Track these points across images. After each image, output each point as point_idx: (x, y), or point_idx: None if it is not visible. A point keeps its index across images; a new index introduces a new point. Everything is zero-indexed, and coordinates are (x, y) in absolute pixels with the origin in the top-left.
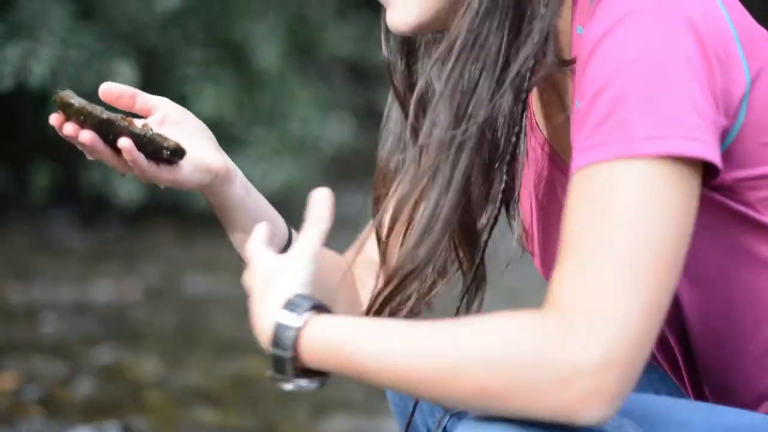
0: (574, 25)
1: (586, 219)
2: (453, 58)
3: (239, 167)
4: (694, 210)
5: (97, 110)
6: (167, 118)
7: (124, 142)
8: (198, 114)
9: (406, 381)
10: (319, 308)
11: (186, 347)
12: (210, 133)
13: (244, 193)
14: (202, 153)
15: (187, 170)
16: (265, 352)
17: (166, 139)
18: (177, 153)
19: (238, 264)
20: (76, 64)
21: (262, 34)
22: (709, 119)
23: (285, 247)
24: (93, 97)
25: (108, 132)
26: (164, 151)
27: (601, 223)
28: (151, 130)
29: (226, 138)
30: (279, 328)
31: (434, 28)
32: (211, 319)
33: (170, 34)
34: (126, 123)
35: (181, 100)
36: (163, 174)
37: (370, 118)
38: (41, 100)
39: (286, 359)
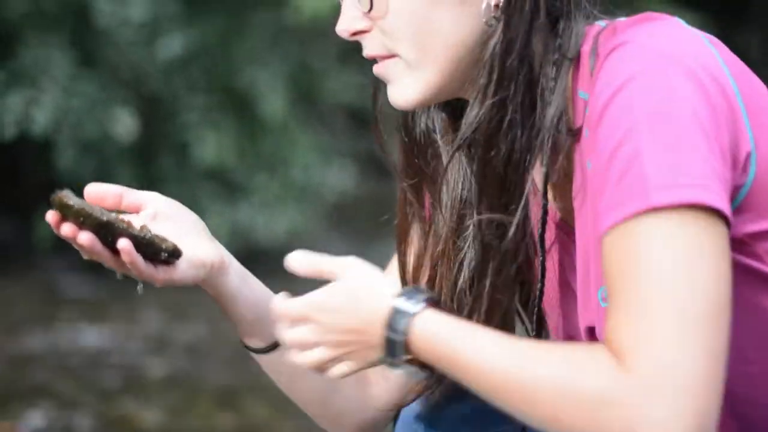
0: (576, 90)
1: (627, 280)
2: (469, 149)
3: (242, 214)
4: (728, 251)
5: (96, 211)
6: (159, 213)
7: (124, 244)
8: (200, 160)
9: (500, 392)
10: (433, 302)
11: (187, 394)
12: (203, 224)
13: (239, 282)
14: (196, 248)
15: (182, 267)
16: (263, 398)
17: (164, 240)
18: (174, 254)
19: None
20: (77, 112)
21: (264, 81)
22: (716, 171)
23: None
24: (95, 143)
25: (107, 234)
26: (162, 254)
27: (642, 281)
28: (150, 231)
29: (228, 185)
30: (396, 313)
31: (439, 101)
32: (211, 367)
33: (172, 81)
34: (125, 225)
35: (183, 147)
36: (159, 274)
37: (372, 165)
38: (44, 148)
39: (398, 342)
